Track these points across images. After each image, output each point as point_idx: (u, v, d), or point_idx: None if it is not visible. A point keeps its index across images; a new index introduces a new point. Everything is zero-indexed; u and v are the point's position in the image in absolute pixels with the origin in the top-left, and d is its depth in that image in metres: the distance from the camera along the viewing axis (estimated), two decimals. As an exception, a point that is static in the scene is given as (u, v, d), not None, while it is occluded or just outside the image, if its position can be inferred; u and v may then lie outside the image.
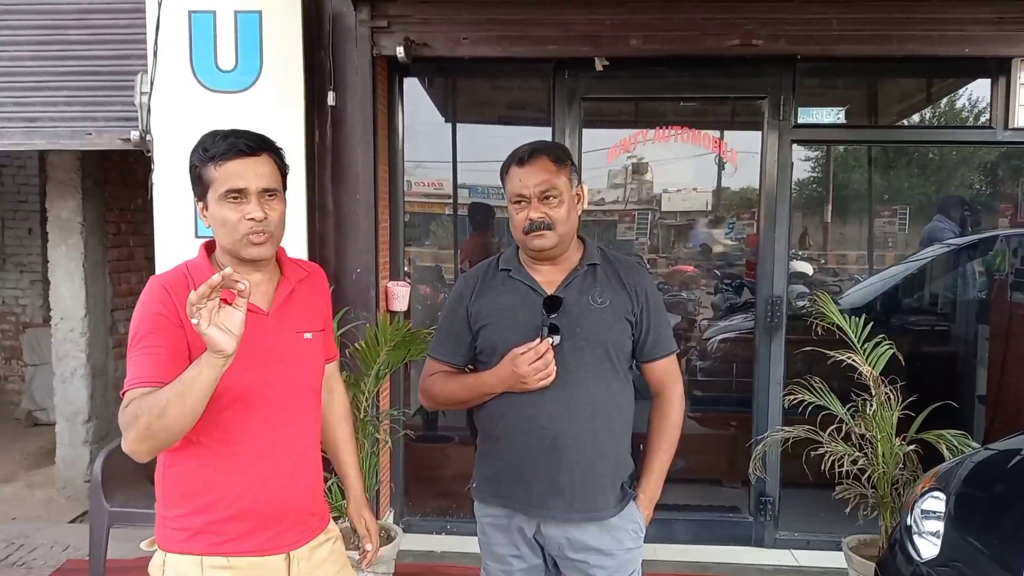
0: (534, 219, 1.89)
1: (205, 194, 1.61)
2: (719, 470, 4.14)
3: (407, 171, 4.07)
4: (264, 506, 1.62)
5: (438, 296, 4.78)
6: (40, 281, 6.16)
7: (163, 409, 1.43)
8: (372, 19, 3.51)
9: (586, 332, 1.91)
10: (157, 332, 1.54)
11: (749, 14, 3.43)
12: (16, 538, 4.05)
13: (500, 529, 2.02)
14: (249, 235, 1.58)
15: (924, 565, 2.33)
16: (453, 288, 2.11)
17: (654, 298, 2.00)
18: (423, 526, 4.01)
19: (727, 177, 4.41)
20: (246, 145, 1.59)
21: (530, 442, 1.92)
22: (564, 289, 1.95)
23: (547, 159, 1.91)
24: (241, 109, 3.30)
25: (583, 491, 1.91)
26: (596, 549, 1.94)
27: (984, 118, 3.81)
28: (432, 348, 2.09)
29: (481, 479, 2.05)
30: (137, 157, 3.61)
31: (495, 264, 2.06)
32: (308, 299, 1.75)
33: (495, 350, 1.95)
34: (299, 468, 1.68)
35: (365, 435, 3.32)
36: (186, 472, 1.62)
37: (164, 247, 3.37)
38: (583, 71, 3.69)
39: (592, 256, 2.00)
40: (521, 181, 1.91)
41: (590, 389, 1.91)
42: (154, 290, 1.59)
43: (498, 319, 1.97)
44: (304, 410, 1.71)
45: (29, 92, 3.61)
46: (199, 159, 1.60)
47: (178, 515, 1.62)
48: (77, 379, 4.73)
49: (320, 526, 1.77)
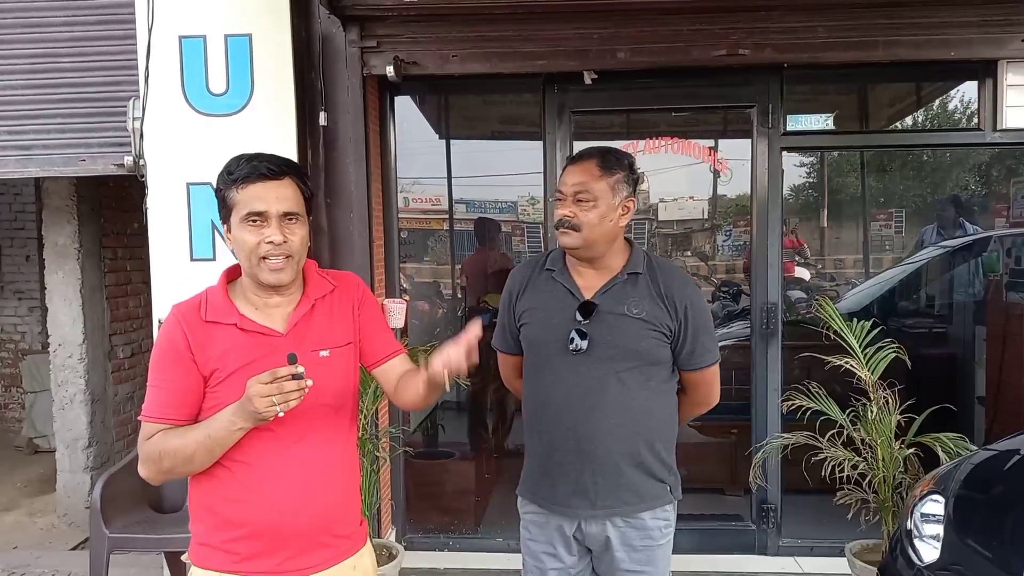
0: (561, 216, 1.97)
1: (229, 217, 1.62)
2: (720, 478, 4.14)
3: (403, 188, 4.09)
4: (275, 525, 1.61)
5: (437, 312, 4.79)
6: (39, 308, 6.17)
7: (189, 457, 1.57)
8: (361, 39, 3.53)
9: (617, 340, 1.96)
10: (168, 366, 1.61)
11: (735, 24, 3.46)
12: (17, 567, 4.03)
13: (539, 526, 2.08)
14: (267, 259, 1.60)
15: (925, 569, 2.32)
16: (505, 284, 2.20)
17: (694, 311, 2.00)
18: (425, 543, 3.99)
19: (722, 185, 4.43)
20: (268, 168, 1.60)
21: (555, 442, 2.00)
22: (601, 296, 1.99)
23: (594, 163, 1.98)
24: (233, 132, 3.31)
25: (606, 491, 1.97)
26: (628, 545, 2.01)
27: (973, 120, 3.82)
28: (494, 340, 2.22)
29: (522, 476, 2.15)
30: (132, 182, 3.62)
31: (543, 263, 2.12)
32: (330, 315, 1.72)
33: (531, 347, 2.07)
34: (311, 489, 1.65)
35: (364, 453, 3.32)
36: (207, 489, 1.64)
37: (159, 271, 3.38)
38: (572, 85, 3.71)
39: (636, 265, 2.03)
40: (564, 179, 2.01)
41: (617, 395, 1.95)
42: (170, 322, 1.64)
43: (535, 318, 2.05)
44: (318, 430, 1.67)
45: (22, 120, 3.63)
46: (223, 182, 1.62)
47: (202, 530, 1.66)
48: (76, 405, 4.73)
49: (350, 549, 1.73)
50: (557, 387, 1.99)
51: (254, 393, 1.46)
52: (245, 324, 1.62)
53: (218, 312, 1.62)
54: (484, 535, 4.04)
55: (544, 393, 2.02)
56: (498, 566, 3.73)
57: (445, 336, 4.51)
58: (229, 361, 1.59)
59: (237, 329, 1.61)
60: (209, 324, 1.61)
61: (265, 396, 1.45)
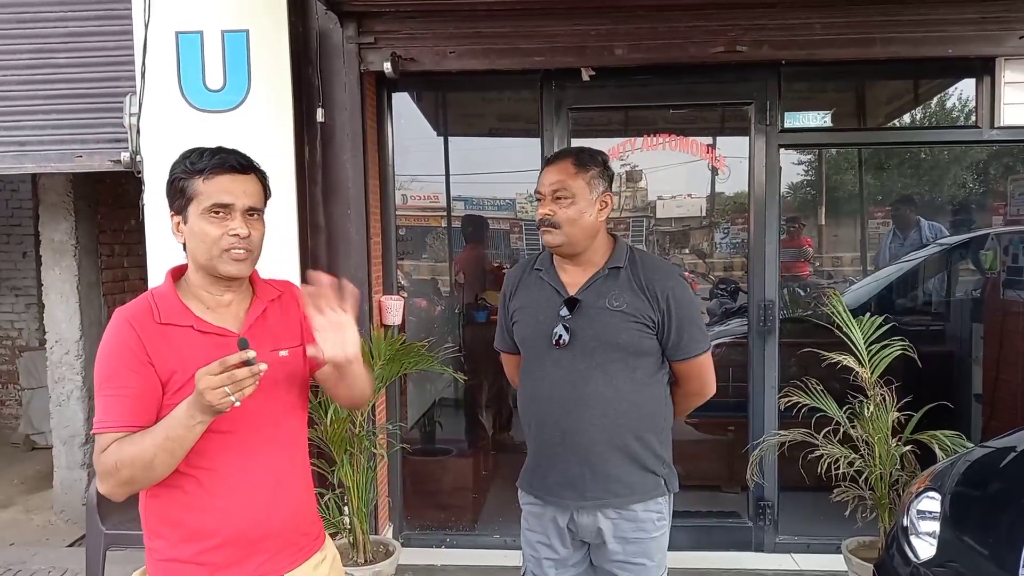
0: (541, 214, 2.04)
1: (185, 208, 1.61)
2: (717, 475, 4.14)
3: (401, 185, 4.08)
4: (248, 530, 1.58)
5: (434, 309, 4.78)
6: (35, 304, 6.16)
7: (149, 463, 1.46)
8: (359, 36, 3.53)
9: (598, 333, 2.00)
10: (124, 372, 1.52)
11: (732, 21, 3.46)
12: (13, 564, 4.03)
13: (536, 517, 2.14)
14: (230, 251, 1.58)
15: (921, 566, 2.32)
16: (502, 285, 2.28)
17: (676, 301, 2.02)
18: (422, 540, 3.99)
19: (721, 182, 4.43)
20: (237, 162, 1.60)
21: (544, 435, 2.07)
22: (584, 291, 2.05)
23: (569, 161, 2.05)
24: (230, 128, 3.30)
25: (594, 482, 2.02)
26: (621, 537, 2.04)
27: (971, 118, 3.82)
28: (495, 341, 2.31)
29: (522, 469, 2.20)
30: (128, 178, 3.61)
31: (532, 263, 2.19)
32: (282, 318, 1.71)
33: (522, 345, 2.14)
34: (280, 488, 1.64)
35: (361, 450, 3.32)
36: (168, 502, 1.58)
37: (156, 267, 3.37)
38: (570, 81, 3.71)
39: (617, 259, 2.07)
40: (541, 179, 2.08)
41: (600, 387, 2.00)
42: (120, 326, 1.55)
43: (524, 317, 2.13)
44: (282, 429, 1.66)
45: (18, 116, 3.62)
46: (183, 171, 1.60)
47: (164, 546, 1.59)
48: (73, 401, 4.72)
49: (316, 545, 1.74)
50: (544, 381, 2.06)
51: (204, 386, 1.38)
52: (202, 326, 1.58)
53: (172, 314, 1.57)
54: (481, 531, 4.04)
55: (533, 388, 2.10)
56: (495, 562, 3.73)
57: (443, 333, 4.52)
58: (188, 364, 1.51)
59: (194, 331, 1.57)
60: (164, 327, 1.55)
61: (216, 388, 1.38)
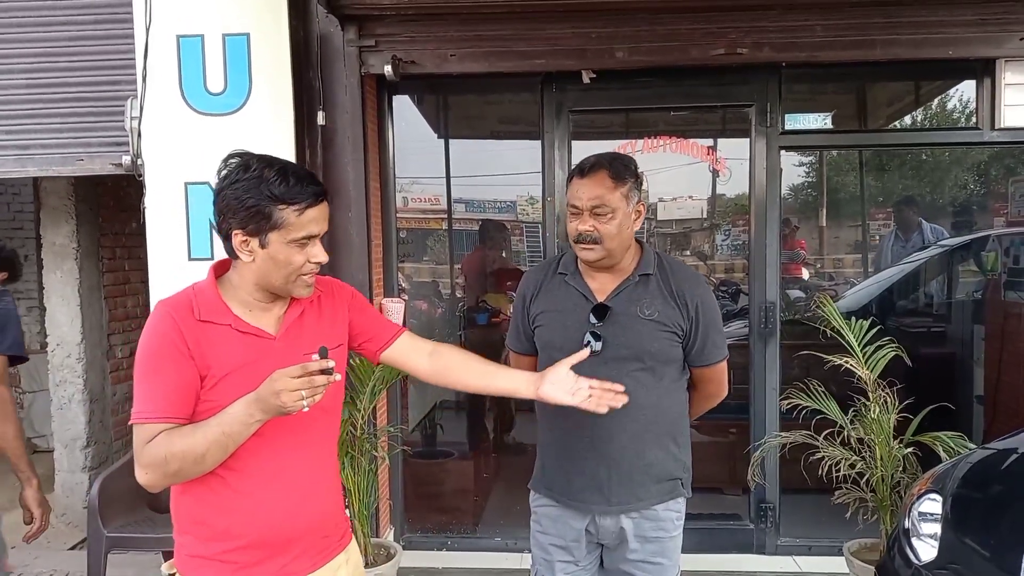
0: (582, 231, 1.99)
1: (266, 232, 1.54)
2: (719, 477, 4.13)
3: (402, 188, 4.09)
4: (273, 534, 1.60)
5: (435, 311, 4.79)
6: (37, 308, 6.16)
7: (201, 456, 1.50)
8: (359, 39, 3.53)
9: (630, 341, 2.00)
10: (166, 362, 1.53)
11: (733, 23, 3.46)
12: (15, 567, 4.02)
13: (552, 519, 2.13)
14: (307, 275, 1.61)
15: (923, 568, 2.32)
16: (518, 287, 2.26)
17: (705, 309, 2.04)
18: (423, 542, 3.99)
19: (721, 184, 4.43)
20: (322, 191, 1.60)
21: (571, 440, 2.05)
22: (614, 298, 2.03)
23: (606, 174, 1.99)
24: (231, 131, 3.30)
25: (620, 487, 2.03)
26: (642, 536, 2.05)
27: (972, 119, 3.82)
28: (508, 341, 2.29)
29: (536, 470, 2.20)
30: (130, 181, 3.62)
31: (555, 266, 2.16)
32: (320, 318, 1.72)
33: (545, 349, 2.11)
34: (309, 492, 1.65)
35: (362, 452, 3.32)
36: (197, 500, 1.60)
37: (157, 270, 3.37)
38: (571, 84, 3.71)
39: (647, 266, 2.06)
40: (577, 193, 2.01)
41: (629, 394, 1.96)
42: (162, 318, 1.56)
43: (550, 321, 2.10)
44: (312, 430, 1.67)
45: (20, 119, 3.62)
46: (270, 198, 1.52)
47: (191, 541, 1.62)
48: (75, 405, 4.73)
49: (340, 546, 1.75)
50: None
51: (282, 387, 1.42)
52: (240, 325, 1.59)
53: (212, 312, 1.58)
54: (482, 534, 4.03)
55: None
56: (497, 565, 3.72)
57: (444, 336, 4.52)
58: (225, 362, 1.55)
59: (232, 330, 1.58)
60: (203, 323, 1.56)
61: (294, 390, 1.42)
